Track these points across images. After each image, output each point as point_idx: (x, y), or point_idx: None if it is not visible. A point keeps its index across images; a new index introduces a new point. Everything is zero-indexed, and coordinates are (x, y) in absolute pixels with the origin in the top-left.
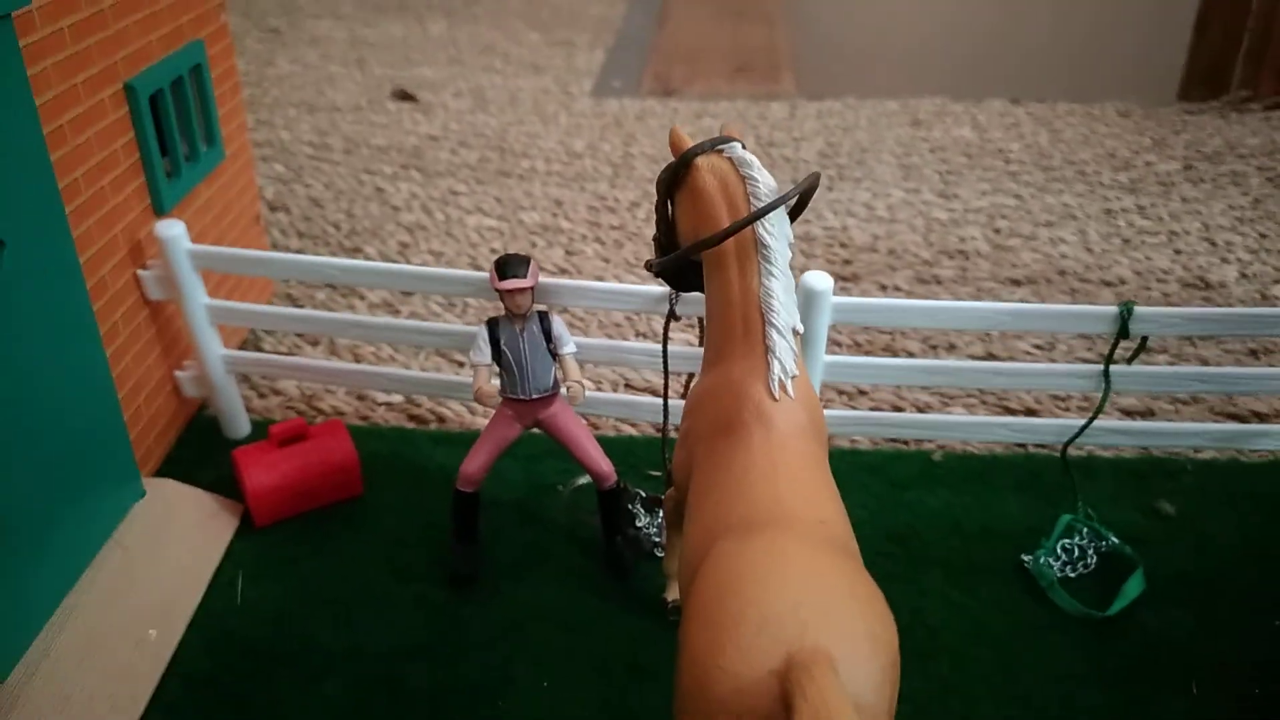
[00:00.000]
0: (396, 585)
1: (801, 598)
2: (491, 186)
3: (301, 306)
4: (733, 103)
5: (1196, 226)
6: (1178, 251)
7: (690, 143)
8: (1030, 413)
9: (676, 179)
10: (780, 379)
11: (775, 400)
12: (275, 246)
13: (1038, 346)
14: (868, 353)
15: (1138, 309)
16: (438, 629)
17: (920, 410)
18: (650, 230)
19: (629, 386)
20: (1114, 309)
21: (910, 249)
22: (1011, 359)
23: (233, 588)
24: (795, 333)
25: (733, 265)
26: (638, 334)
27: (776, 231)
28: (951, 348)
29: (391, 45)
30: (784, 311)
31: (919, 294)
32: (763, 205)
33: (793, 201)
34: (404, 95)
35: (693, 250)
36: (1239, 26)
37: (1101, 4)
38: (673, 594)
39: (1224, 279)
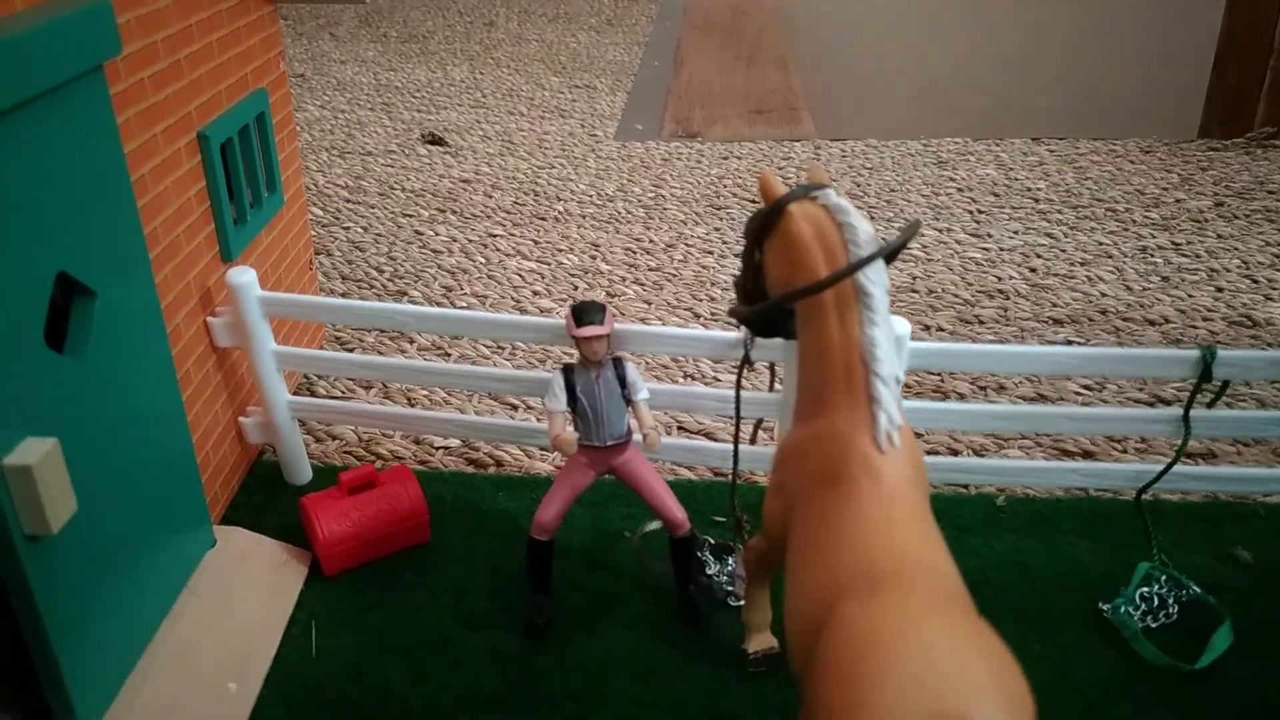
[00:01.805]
0: (469, 634)
1: (939, 659)
2: (528, 229)
3: (351, 349)
4: (755, 144)
5: (1235, 264)
6: (1219, 289)
7: (782, 189)
8: (1087, 455)
9: (768, 226)
10: (887, 431)
11: (882, 452)
12: (321, 290)
13: (1086, 388)
14: (917, 394)
15: (1220, 353)
16: (513, 680)
17: (977, 452)
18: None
19: (682, 429)
20: (1196, 353)
21: (949, 289)
22: (1061, 399)
23: (306, 638)
24: (897, 381)
25: (832, 313)
26: (685, 375)
27: (877, 279)
28: (1001, 388)
29: (417, 89)
30: (888, 360)
31: (963, 334)
32: (862, 252)
33: (892, 249)
34: (434, 139)
35: (792, 298)
36: (1259, 64)
37: (1115, 41)
38: (753, 645)
39: (1270, 316)
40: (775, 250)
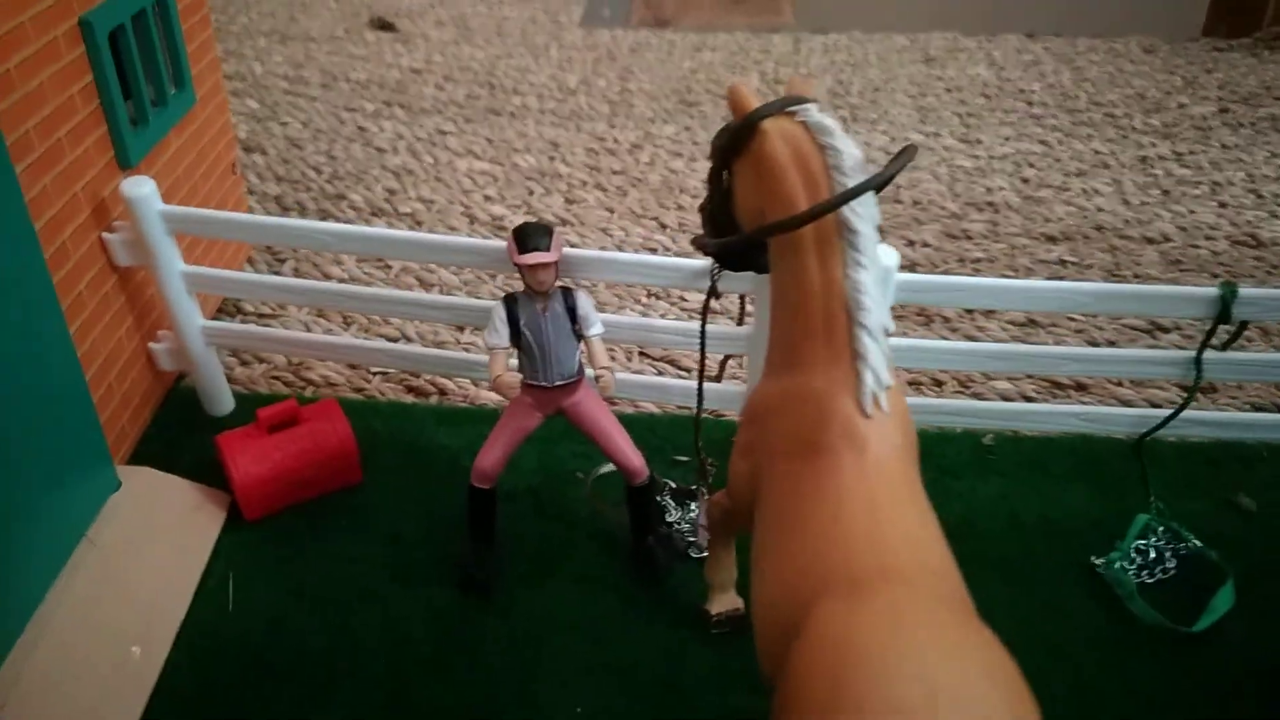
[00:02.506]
0: (402, 590)
1: (935, 680)
2: (481, 126)
3: (284, 259)
4: (731, 35)
5: (1240, 176)
6: (1223, 205)
7: (756, 101)
8: (1081, 387)
9: (738, 145)
10: (873, 392)
11: (867, 417)
12: (252, 192)
13: (1083, 313)
14: (900, 318)
15: (1241, 291)
16: (450, 640)
17: (962, 385)
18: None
19: (644, 354)
20: (1215, 291)
21: (936, 200)
22: (1054, 325)
23: (223, 591)
24: (886, 333)
25: (811, 252)
26: (650, 294)
27: (865, 214)
28: (990, 313)
29: None
30: (876, 309)
31: (949, 250)
32: (848, 181)
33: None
34: (383, 24)
35: (763, 234)
36: None
37: None
38: (716, 606)
39: (1276, 236)
40: (746, 174)
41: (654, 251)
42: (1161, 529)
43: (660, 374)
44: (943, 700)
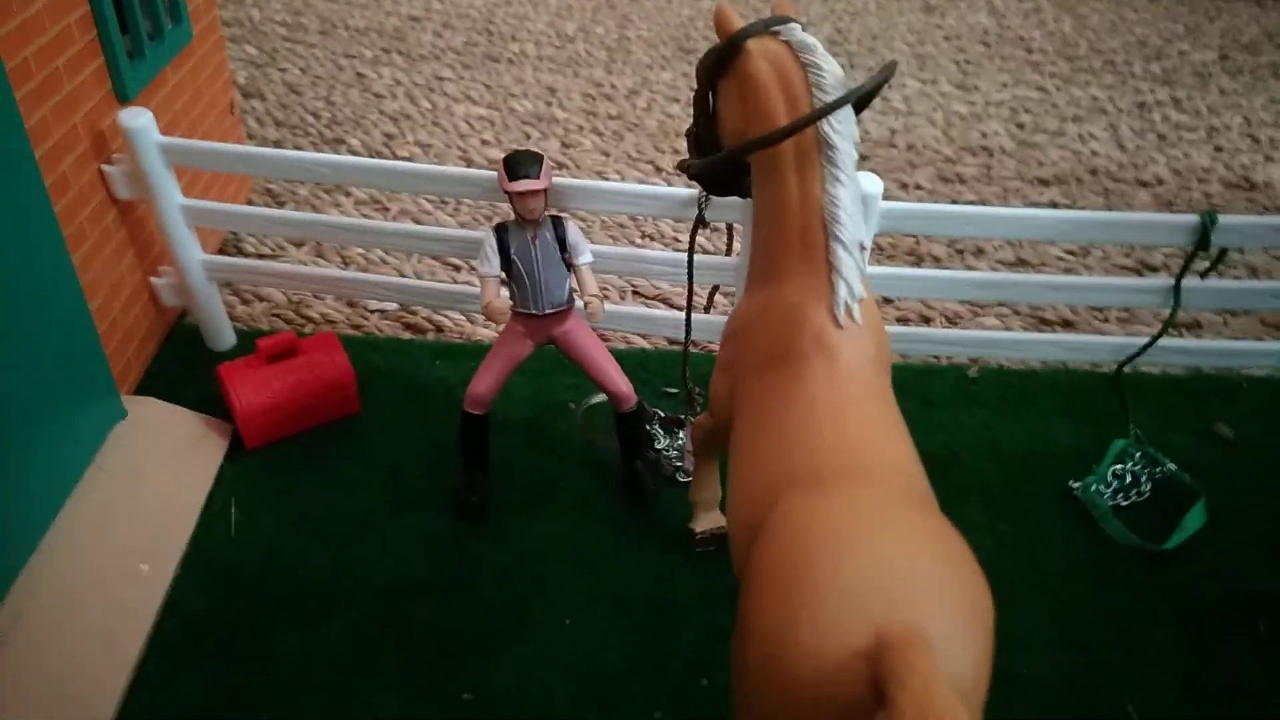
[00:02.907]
0: (398, 515)
1: (888, 564)
2: (479, 72)
3: (283, 203)
4: None
5: (1238, 121)
6: (1218, 149)
7: (740, 23)
8: (1067, 324)
9: (722, 65)
10: (846, 302)
11: (840, 327)
12: (251, 138)
13: (1070, 253)
14: (890, 257)
15: (1221, 219)
16: (445, 564)
17: (951, 321)
18: (662, 120)
19: (637, 294)
20: (1194, 219)
21: (930, 145)
22: (1043, 264)
23: (225, 517)
24: (862, 248)
25: (790, 169)
26: (644, 235)
27: (843, 130)
28: (980, 252)
29: None
30: (851, 224)
31: (942, 193)
32: (829, 98)
33: (862, 96)
34: None
35: (743, 150)
36: None
37: None
38: (701, 524)
39: (1270, 178)
40: (730, 94)
41: None
42: (1138, 454)
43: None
44: (897, 582)
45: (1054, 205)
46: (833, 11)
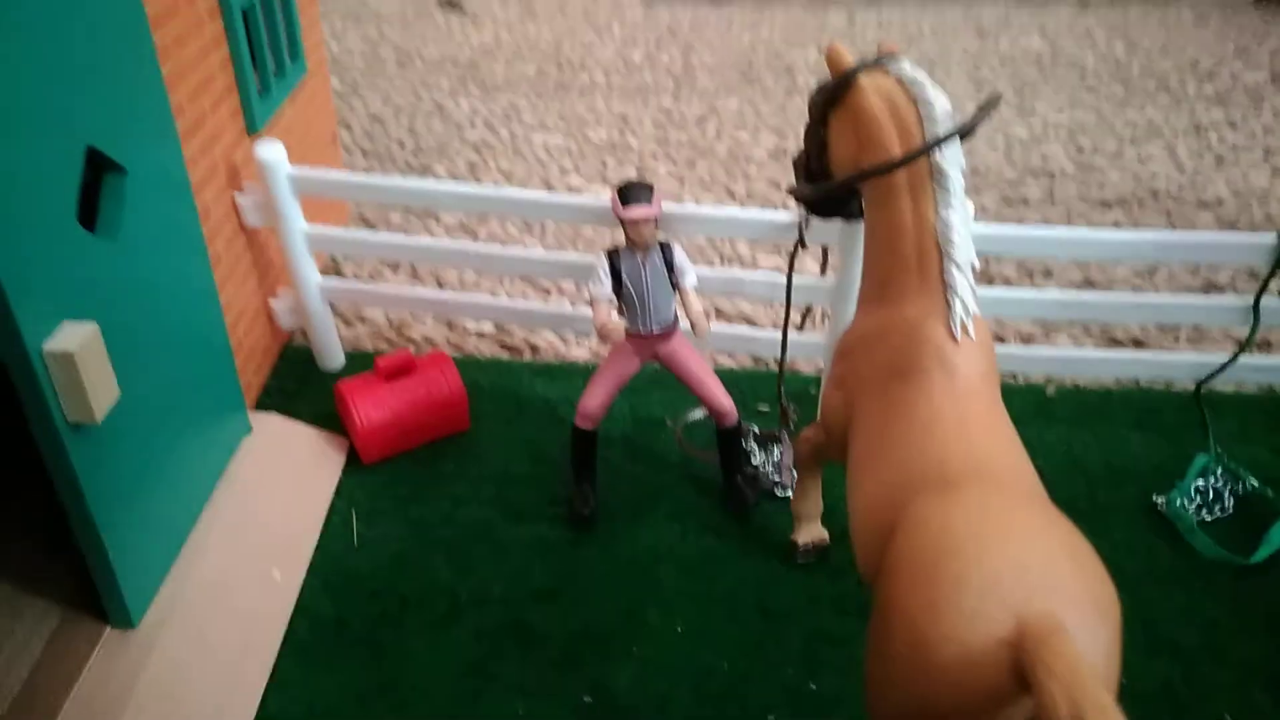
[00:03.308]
0: (513, 526)
1: (1025, 559)
2: (553, 101)
3: (376, 228)
4: (788, 10)
5: None
6: (1276, 169)
7: (852, 60)
8: (1137, 344)
9: (835, 99)
10: (962, 319)
11: (957, 343)
12: (344, 167)
13: (1136, 273)
14: None
15: None
16: (560, 571)
17: (1025, 340)
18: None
19: (720, 314)
20: (1272, 237)
21: (993, 168)
22: (1110, 286)
23: (347, 528)
24: (974, 268)
25: (905, 195)
26: (722, 259)
27: (952, 159)
28: (1048, 274)
29: None
30: (964, 245)
31: (1007, 215)
32: (938, 129)
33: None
34: (450, 4)
35: (862, 177)
36: None
37: None
38: (803, 536)
39: None
40: (843, 126)
41: None
42: (1220, 470)
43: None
44: (1033, 575)
45: (1118, 226)
46: (888, 37)
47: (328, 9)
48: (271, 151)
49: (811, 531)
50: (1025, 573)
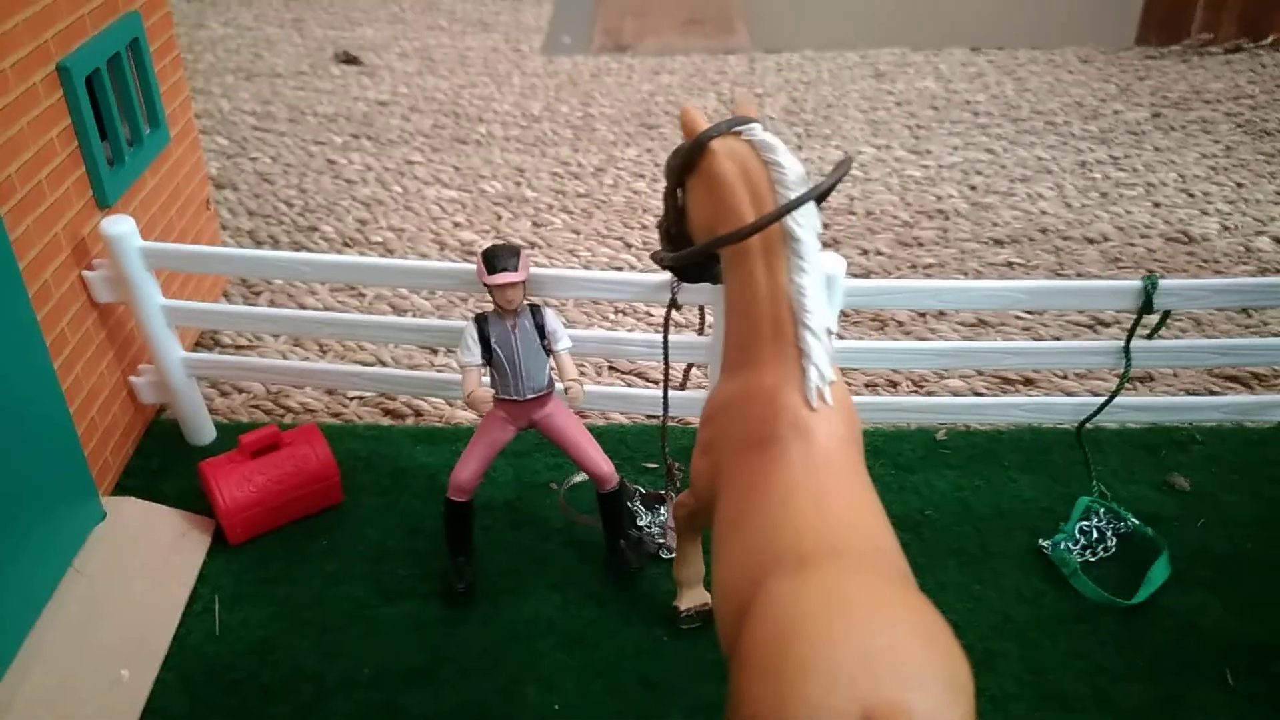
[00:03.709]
0: (386, 604)
1: (872, 644)
2: (448, 154)
3: (258, 292)
4: (689, 57)
5: (1173, 177)
6: (1156, 205)
7: (705, 123)
8: (1029, 382)
9: (689, 164)
10: (818, 386)
11: (813, 410)
12: (225, 228)
13: (1028, 312)
14: (855, 323)
15: (1162, 283)
16: (435, 650)
17: (916, 385)
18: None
19: (613, 369)
20: (1138, 284)
21: (888, 210)
22: (1002, 324)
23: (209, 615)
24: (829, 333)
25: (758, 260)
26: (617, 311)
27: (806, 223)
28: (941, 314)
29: (330, 3)
30: (818, 311)
31: (901, 257)
32: (791, 194)
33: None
34: (348, 59)
35: (714, 245)
36: None
37: None
38: (685, 602)
39: (1206, 232)
40: (698, 190)
41: (620, 269)
42: (1103, 510)
43: (630, 388)
44: (881, 661)
45: (1009, 265)
46: (788, 81)
47: (219, 66)
48: (119, 226)
49: (694, 597)
50: (873, 658)
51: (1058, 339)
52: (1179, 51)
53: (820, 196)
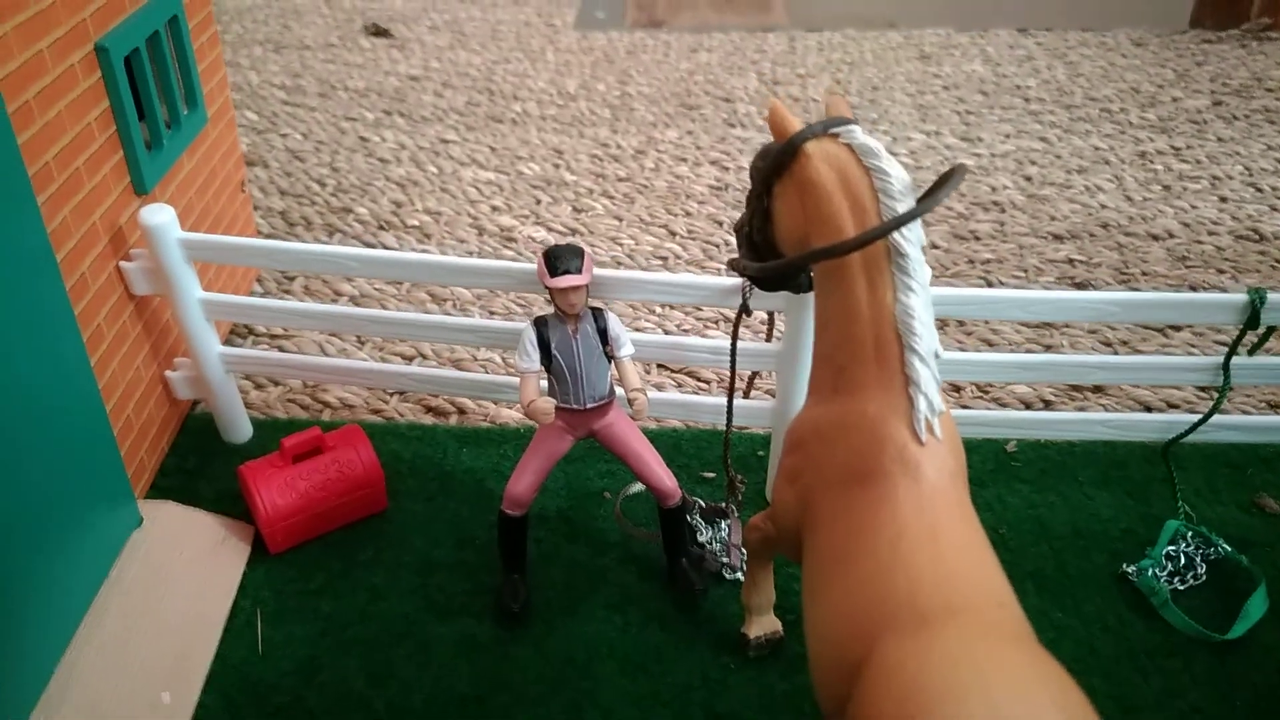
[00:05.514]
0: (436, 622)
1: (1008, 714)
2: (484, 134)
3: (293, 279)
4: (726, 35)
5: (1239, 170)
6: (1223, 199)
7: (797, 123)
8: (1098, 389)
9: (780, 167)
10: (927, 418)
11: (922, 444)
12: (256, 208)
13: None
14: None
15: (1270, 296)
16: (488, 675)
17: (981, 390)
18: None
19: (661, 366)
20: (1243, 298)
21: (942, 202)
22: (1067, 325)
23: (251, 630)
24: (937, 356)
25: (859, 277)
26: (664, 305)
27: (913, 237)
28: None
29: None
30: (926, 335)
31: (958, 252)
32: (896, 204)
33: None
34: (377, 30)
35: (811, 258)
36: None
37: None
38: (754, 629)
39: (1278, 230)
40: (789, 197)
41: (665, 260)
42: (1191, 534)
43: (680, 387)
44: None
45: (1070, 262)
46: (829, 62)
47: (247, 37)
48: (159, 216)
49: (764, 624)
50: None
51: (1125, 343)
52: (1237, 36)
53: (928, 209)
